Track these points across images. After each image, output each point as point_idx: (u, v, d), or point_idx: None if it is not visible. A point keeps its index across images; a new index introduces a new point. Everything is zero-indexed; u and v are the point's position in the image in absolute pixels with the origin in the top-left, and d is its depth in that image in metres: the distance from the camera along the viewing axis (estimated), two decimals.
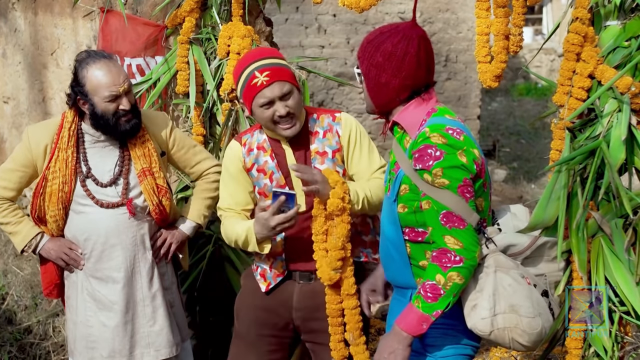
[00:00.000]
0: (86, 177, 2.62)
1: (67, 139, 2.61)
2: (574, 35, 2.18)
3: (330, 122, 2.51)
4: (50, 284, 2.79)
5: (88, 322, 2.68)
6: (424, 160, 1.94)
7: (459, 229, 1.92)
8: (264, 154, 2.48)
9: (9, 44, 4.60)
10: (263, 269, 2.55)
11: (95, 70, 2.52)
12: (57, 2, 3.86)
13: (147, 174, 2.64)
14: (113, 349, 2.65)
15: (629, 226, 2.19)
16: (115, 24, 3.31)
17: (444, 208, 1.93)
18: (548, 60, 15.08)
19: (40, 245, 2.70)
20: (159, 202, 2.67)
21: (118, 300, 2.65)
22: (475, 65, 2.52)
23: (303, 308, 2.51)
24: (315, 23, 8.08)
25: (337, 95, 8.23)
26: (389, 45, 2.01)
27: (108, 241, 2.64)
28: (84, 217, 2.64)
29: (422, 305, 1.93)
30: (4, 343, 3.70)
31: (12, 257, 4.38)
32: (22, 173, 2.66)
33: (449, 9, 8.39)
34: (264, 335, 2.54)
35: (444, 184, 1.92)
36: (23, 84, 4.57)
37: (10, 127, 4.92)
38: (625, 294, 2.14)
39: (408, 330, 1.94)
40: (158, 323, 2.69)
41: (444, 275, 1.91)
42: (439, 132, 1.95)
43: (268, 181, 2.47)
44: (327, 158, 2.47)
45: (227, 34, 3.10)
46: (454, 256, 1.91)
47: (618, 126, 2.13)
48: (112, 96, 2.52)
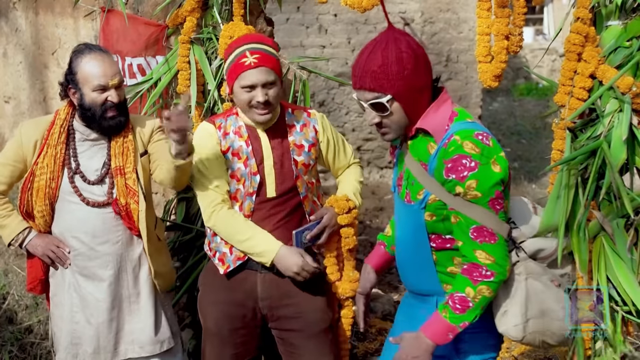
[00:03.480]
0: (75, 173, 2.63)
1: (57, 135, 2.63)
2: (575, 35, 2.18)
3: (306, 118, 2.62)
4: (35, 279, 2.80)
5: (73, 318, 2.69)
6: (458, 171, 1.91)
7: (490, 243, 1.92)
8: (239, 139, 2.53)
9: (10, 43, 4.60)
10: (222, 253, 2.57)
11: (88, 60, 2.56)
12: (58, 1, 3.86)
13: (119, 173, 2.64)
14: (98, 345, 2.67)
15: (631, 226, 2.18)
16: (116, 23, 3.31)
17: (473, 223, 1.92)
18: (549, 60, 15.08)
19: (27, 240, 2.71)
20: (125, 203, 2.65)
21: (104, 298, 2.66)
22: (476, 65, 2.53)
23: (269, 297, 2.55)
24: (316, 23, 8.08)
25: (338, 95, 8.23)
26: (402, 53, 1.96)
27: (95, 239, 2.65)
28: (71, 215, 2.65)
29: (449, 315, 1.94)
30: (5, 342, 3.70)
31: (13, 257, 4.38)
32: (13, 167, 2.67)
33: (450, 9, 8.39)
34: (235, 328, 2.57)
35: (477, 196, 1.91)
36: (24, 83, 4.57)
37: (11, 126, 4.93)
38: (627, 294, 2.14)
39: (433, 338, 1.96)
40: (143, 320, 2.71)
41: (474, 288, 1.93)
42: (471, 139, 1.92)
43: (242, 165, 2.51)
44: (304, 151, 2.57)
45: (228, 33, 3.09)
46: (485, 270, 1.92)
47: (619, 126, 2.13)
48: (101, 87, 2.54)
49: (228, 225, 2.50)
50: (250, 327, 2.59)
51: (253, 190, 2.50)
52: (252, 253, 2.49)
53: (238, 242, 2.50)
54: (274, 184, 2.51)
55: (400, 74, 1.95)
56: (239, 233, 2.49)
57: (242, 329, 2.58)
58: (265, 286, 2.55)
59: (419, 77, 1.98)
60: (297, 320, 2.55)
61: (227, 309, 2.57)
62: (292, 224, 2.54)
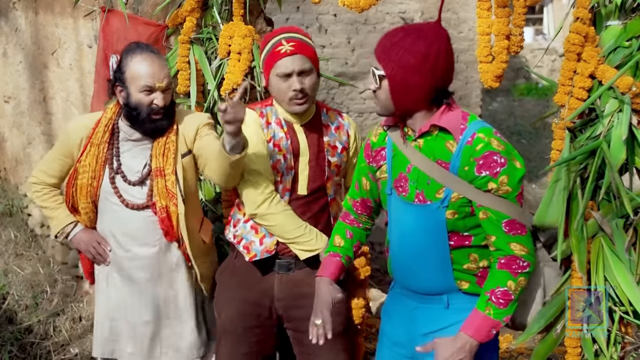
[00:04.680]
0: (116, 173, 2.62)
1: (101, 134, 2.62)
2: (575, 35, 2.19)
3: (340, 120, 2.63)
4: (87, 270, 2.85)
5: (113, 315, 2.70)
6: (491, 167, 1.94)
7: (522, 235, 1.98)
8: (280, 130, 2.51)
9: (9, 43, 4.61)
10: (250, 241, 2.54)
11: (139, 60, 2.54)
12: (58, 1, 3.86)
13: (159, 175, 2.60)
14: (134, 346, 2.67)
15: (630, 226, 2.18)
16: (116, 23, 3.31)
17: (505, 217, 1.97)
18: (549, 60, 15.08)
19: (72, 234, 2.73)
20: (165, 206, 2.60)
21: (141, 300, 2.66)
22: (476, 65, 2.53)
23: (285, 297, 2.55)
24: (316, 23, 8.08)
25: (338, 95, 8.23)
26: (421, 46, 1.94)
27: (134, 241, 2.64)
28: (112, 214, 2.65)
29: (494, 312, 1.97)
30: (5, 342, 3.70)
31: (12, 257, 4.38)
32: (62, 162, 2.70)
33: (449, 8, 8.39)
34: (250, 327, 2.57)
35: (508, 191, 1.96)
36: (24, 83, 4.57)
37: (11, 126, 4.93)
38: (625, 294, 2.14)
39: (478, 337, 1.98)
40: (181, 325, 2.69)
41: (515, 280, 1.97)
42: (494, 137, 1.97)
43: (282, 158, 2.49)
44: (337, 152, 2.57)
45: (228, 33, 3.10)
46: (522, 262, 1.98)
47: (619, 126, 2.13)
48: (148, 87, 2.52)
49: (283, 216, 2.47)
50: (265, 327, 2.58)
51: (289, 185, 2.50)
52: (301, 242, 2.47)
53: (289, 232, 2.47)
54: (307, 181, 2.50)
55: (401, 58, 1.95)
56: (295, 222, 2.47)
57: (257, 328, 2.57)
58: (282, 287, 2.55)
59: (424, 77, 1.96)
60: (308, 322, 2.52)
61: (243, 307, 2.57)
62: (318, 225, 2.53)
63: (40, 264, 4.31)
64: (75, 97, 3.99)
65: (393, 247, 2.18)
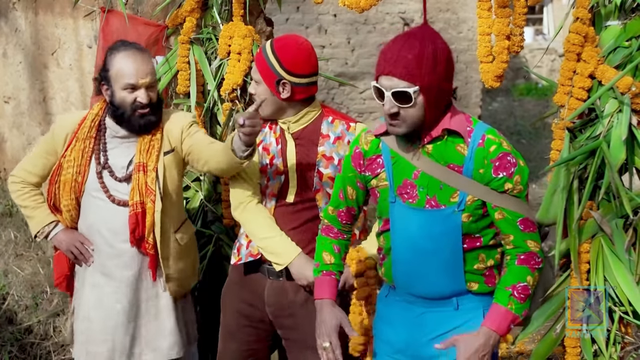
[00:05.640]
0: (103, 168, 2.61)
1: (87, 130, 2.62)
2: (575, 35, 2.19)
3: (344, 130, 2.52)
4: (61, 275, 2.82)
5: (89, 316, 2.68)
6: (507, 168, 1.97)
7: (534, 232, 2.04)
8: (271, 135, 2.51)
9: (9, 43, 4.61)
10: (240, 244, 2.58)
11: (122, 57, 2.53)
12: (58, 2, 3.86)
13: (140, 170, 2.59)
14: (113, 346, 2.65)
15: (629, 226, 2.19)
16: (116, 23, 3.31)
17: (519, 216, 2.00)
18: (549, 60, 15.08)
19: (53, 234, 2.71)
20: (140, 202, 2.58)
21: (122, 299, 2.64)
22: (476, 65, 2.54)
23: (273, 304, 2.55)
24: (316, 23, 8.08)
25: (338, 95, 8.23)
26: (442, 52, 1.94)
27: (117, 237, 2.63)
28: (96, 210, 2.64)
29: (515, 306, 2.01)
30: (5, 343, 3.70)
31: (12, 257, 4.38)
32: (45, 160, 2.69)
33: (449, 9, 8.39)
34: (244, 325, 2.60)
35: (521, 190, 2.00)
36: (24, 83, 4.57)
37: (11, 126, 4.93)
38: (625, 294, 2.14)
39: (500, 331, 2.02)
40: (160, 324, 2.69)
41: (532, 276, 2.03)
42: (502, 137, 2.01)
43: (269, 162, 2.50)
44: (332, 164, 2.48)
45: (228, 33, 3.10)
46: (537, 258, 2.04)
47: (618, 126, 2.13)
48: (130, 85, 2.51)
49: (253, 220, 2.48)
50: (258, 329, 2.59)
51: (276, 191, 2.49)
52: (269, 252, 2.46)
53: (259, 238, 2.48)
54: (295, 190, 2.48)
55: (434, 68, 1.92)
56: (263, 230, 2.47)
57: (249, 327, 2.59)
58: (271, 293, 2.55)
59: (448, 78, 1.98)
60: (296, 331, 2.53)
61: (237, 306, 2.60)
62: (307, 235, 2.49)
63: (40, 264, 4.31)
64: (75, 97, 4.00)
65: (396, 254, 2.12)
